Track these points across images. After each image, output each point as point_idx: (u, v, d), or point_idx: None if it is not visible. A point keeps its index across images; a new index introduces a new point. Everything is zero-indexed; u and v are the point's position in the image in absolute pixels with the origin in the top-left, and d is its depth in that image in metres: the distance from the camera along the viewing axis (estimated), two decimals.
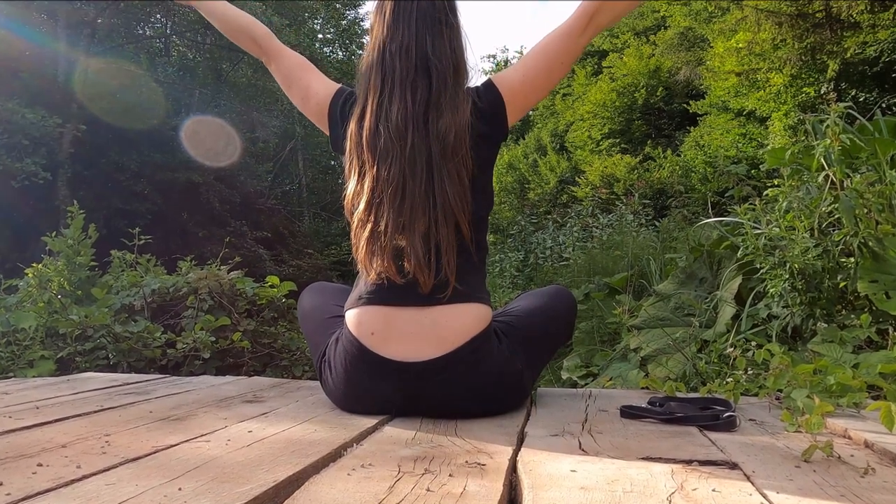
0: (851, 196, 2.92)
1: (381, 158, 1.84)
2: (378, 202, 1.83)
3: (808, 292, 2.99)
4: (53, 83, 16.39)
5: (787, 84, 13.60)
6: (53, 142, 15.56)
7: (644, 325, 3.86)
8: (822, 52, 12.09)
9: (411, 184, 1.82)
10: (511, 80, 1.99)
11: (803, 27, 11.65)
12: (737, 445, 1.50)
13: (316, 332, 2.14)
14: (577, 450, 1.46)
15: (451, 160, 1.83)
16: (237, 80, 25.19)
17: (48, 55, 16.66)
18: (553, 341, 2.23)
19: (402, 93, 1.88)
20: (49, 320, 3.89)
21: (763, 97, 14.68)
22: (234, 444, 1.46)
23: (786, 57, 12.50)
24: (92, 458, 1.32)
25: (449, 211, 1.81)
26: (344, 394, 1.93)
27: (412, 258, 1.78)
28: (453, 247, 1.82)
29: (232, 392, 2.36)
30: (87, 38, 18.00)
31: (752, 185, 4.71)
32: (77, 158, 16.40)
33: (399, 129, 1.84)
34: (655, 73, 24.69)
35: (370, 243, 1.83)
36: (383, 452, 1.41)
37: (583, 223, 9.85)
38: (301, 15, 26.02)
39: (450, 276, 1.80)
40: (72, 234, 4.61)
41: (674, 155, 20.24)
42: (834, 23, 11.48)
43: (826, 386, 1.99)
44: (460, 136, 1.85)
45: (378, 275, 1.82)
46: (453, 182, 1.82)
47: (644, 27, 28.63)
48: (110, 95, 16.97)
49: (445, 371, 1.81)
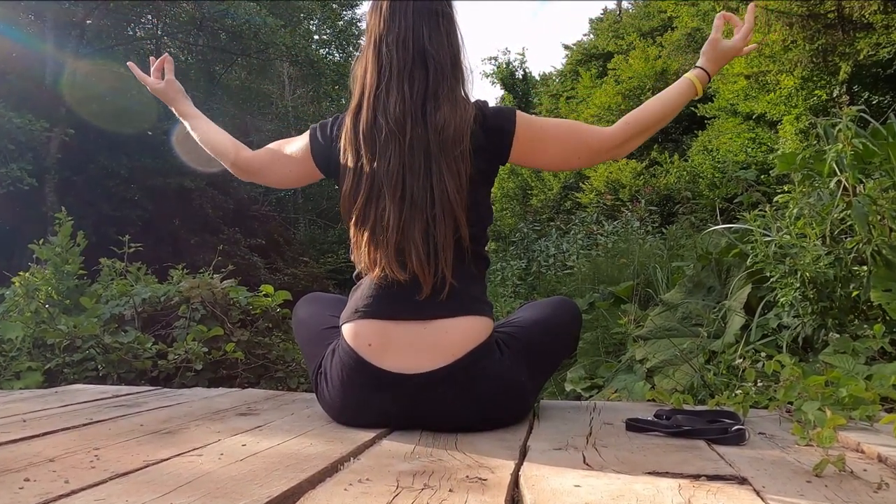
0: (864, 202, 2.93)
1: (380, 152, 1.86)
2: (378, 196, 1.85)
3: (820, 302, 2.99)
4: (41, 86, 16.43)
5: (798, 87, 13.60)
6: (40, 146, 15.58)
7: (650, 336, 3.86)
8: (833, 53, 12.10)
9: (410, 177, 1.83)
10: (532, 121, 2.01)
11: (815, 28, 11.66)
12: (746, 460, 1.50)
13: (312, 344, 2.14)
14: (581, 464, 1.46)
15: (449, 154, 1.84)
16: (230, 82, 25.25)
17: (35, 57, 16.70)
18: (556, 353, 2.23)
19: (400, 84, 1.89)
20: (36, 330, 3.90)
21: (773, 100, 14.68)
22: (228, 459, 1.46)
23: (796, 59, 12.50)
24: (81, 473, 1.32)
25: (448, 207, 1.82)
26: (341, 407, 1.94)
27: (413, 255, 1.80)
28: (450, 244, 1.83)
29: (225, 405, 2.36)
30: (76, 40, 18.04)
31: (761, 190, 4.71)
32: (65, 163, 16.43)
33: (398, 120, 1.86)
34: (662, 76, 24.69)
35: (372, 239, 1.84)
36: (381, 467, 1.41)
37: (587, 230, 9.86)
38: (296, 15, 26.11)
39: (446, 274, 1.81)
40: (60, 241, 4.62)
41: (681, 160, 20.24)
42: (846, 23, 11.49)
43: (838, 398, 1.99)
44: (459, 131, 1.86)
45: (382, 270, 1.83)
46: (452, 176, 1.83)
47: (650, 28, 28.66)
48: (99, 98, 17.00)
49: (445, 383, 1.81)
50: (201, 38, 22.88)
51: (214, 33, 22.38)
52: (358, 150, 1.90)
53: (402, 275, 1.82)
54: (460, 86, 1.96)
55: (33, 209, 15.24)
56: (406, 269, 1.82)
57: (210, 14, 20.77)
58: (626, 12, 33.84)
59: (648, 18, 29.31)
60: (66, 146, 16.35)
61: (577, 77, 31.06)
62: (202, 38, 22.91)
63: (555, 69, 38.72)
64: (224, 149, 2.25)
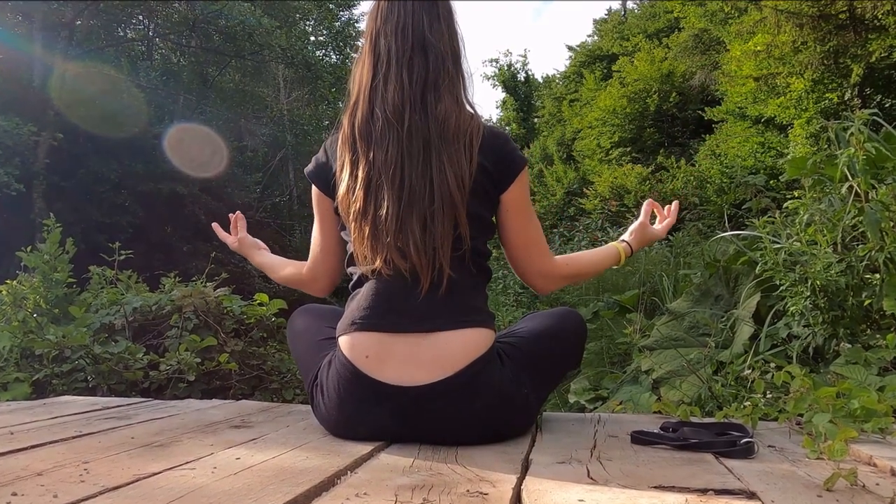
0: (877, 208, 2.93)
1: (376, 143, 1.86)
2: (377, 188, 1.85)
3: (831, 311, 2.99)
4: (28, 89, 16.46)
5: (809, 89, 13.61)
6: (28, 151, 15.61)
7: (656, 346, 3.87)
8: (845, 55, 12.11)
9: (409, 166, 1.83)
10: (527, 189, 2.05)
11: (826, 29, 11.67)
12: (755, 473, 1.51)
13: (307, 355, 2.14)
14: (585, 478, 1.46)
15: (451, 145, 1.84)
16: (224, 85, 25.30)
17: (23, 58, 16.75)
18: (561, 365, 2.23)
19: (399, 72, 1.89)
20: (24, 340, 3.89)
21: (783, 103, 14.68)
22: (221, 472, 1.46)
23: (807, 61, 12.51)
24: (70, 487, 1.32)
25: (447, 199, 1.81)
26: (337, 420, 1.93)
27: (411, 245, 1.80)
28: (449, 236, 1.82)
29: (218, 417, 2.36)
30: (65, 41, 18.08)
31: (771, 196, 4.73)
32: (53, 169, 16.45)
33: (396, 108, 1.86)
34: (668, 78, 24.75)
35: (373, 231, 1.84)
36: (379, 481, 1.41)
37: (591, 237, 9.88)
38: (292, 16, 26.16)
39: (444, 265, 1.81)
40: (48, 248, 4.62)
41: (688, 165, 20.23)
42: (858, 24, 11.50)
43: (850, 410, 1.99)
44: (462, 126, 1.87)
45: (384, 261, 1.82)
46: (453, 167, 1.83)
47: (656, 29, 28.73)
48: (89, 101, 17.02)
49: (445, 396, 1.81)
50: (194, 40, 22.94)
51: (208, 34, 22.45)
52: (355, 146, 1.89)
53: (404, 264, 1.81)
54: (462, 86, 1.96)
55: (21, 215, 15.26)
56: (407, 260, 1.82)
57: (203, 15, 20.84)
58: (632, 13, 33.94)
59: (654, 19, 29.37)
60: (54, 151, 16.38)
61: (580, 79, 31.13)
62: (195, 40, 22.96)
63: (558, 71, 38.91)
64: (298, 280, 2.29)
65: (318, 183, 2.06)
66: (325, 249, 2.14)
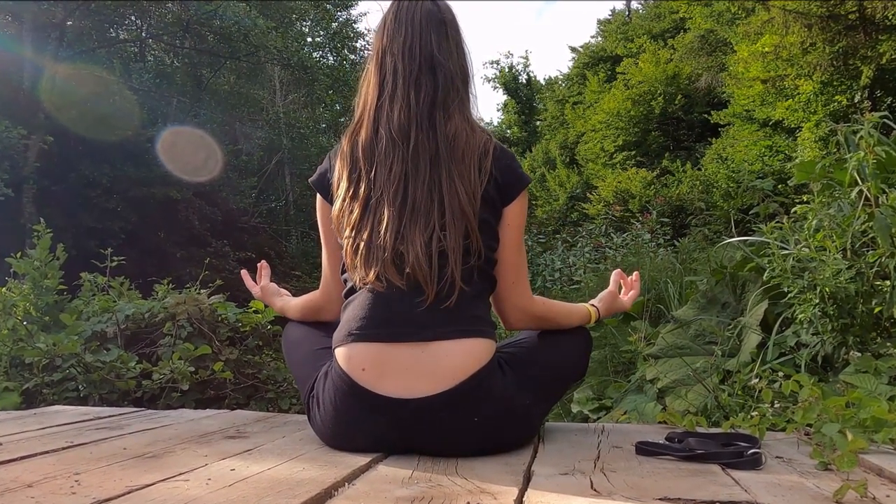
0: (887, 213, 2.93)
1: (379, 162, 1.85)
2: (376, 205, 1.84)
3: (840, 318, 2.99)
4: (18, 91, 16.47)
5: (818, 92, 13.64)
6: (18, 155, 15.62)
7: (661, 354, 3.86)
8: (855, 56, 12.13)
9: (413, 184, 1.82)
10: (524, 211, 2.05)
11: (835, 30, 11.70)
12: (762, 485, 1.51)
13: (303, 366, 2.13)
14: (588, 490, 1.46)
15: (461, 162, 1.84)
16: (218, 87, 25.31)
17: (12, 60, 16.76)
18: (565, 376, 2.23)
19: (406, 91, 1.89)
20: (14, 349, 3.89)
21: (791, 106, 14.72)
22: (215, 484, 1.47)
23: (816, 62, 12.53)
24: (60, 499, 1.33)
25: (458, 211, 1.81)
26: (333, 433, 1.92)
27: (411, 259, 1.78)
28: (460, 248, 1.81)
29: (213, 427, 2.36)
30: (56, 42, 18.10)
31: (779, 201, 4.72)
32: (44, 173, 16.46)
33: (402, 128, 1.86)
34: (674, 80, 24.80)
35: (368, 245, 1.83)
36: (377, 493, 1.42)
37: (595, 243, 9.89)
38: (288, 16, 26.20)
39: (456, 278, 1.79)
40: (38, 254, 4.62)
41: (694, 169, 20.30)
42: (868, 25, 11.52)
43: (859, 420, 1.99)
44: (473, 144, 1.87)
45: (377, 276, 1.81)
46: (465, 181, 1.83)
47: (661, 30, 28.79)
48: (80, 104, 17.03)
49: (445, 408, 1.80)
50: (188, 41, 22.97)
51: (202, 35, 22.47)
52: (354, 165, 1.89)
53: (399, 280, 1.80)
54: (470, 105, 1.98)
55: (10, 220, 15.26)
56: (403, 275, 1.80)
57: (197, 15, 20.86)
58: (636, 13, 34.02)
59: (659, 19, 29.44)
60: (44, 154, 16.40)
61: (584, 81, 31.20)
62: (189, 41, 22.99)
63: (560, 73, 38.94)
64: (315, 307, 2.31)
65: (322, 193, 2.07)
66: (336, 269, 2.12)
